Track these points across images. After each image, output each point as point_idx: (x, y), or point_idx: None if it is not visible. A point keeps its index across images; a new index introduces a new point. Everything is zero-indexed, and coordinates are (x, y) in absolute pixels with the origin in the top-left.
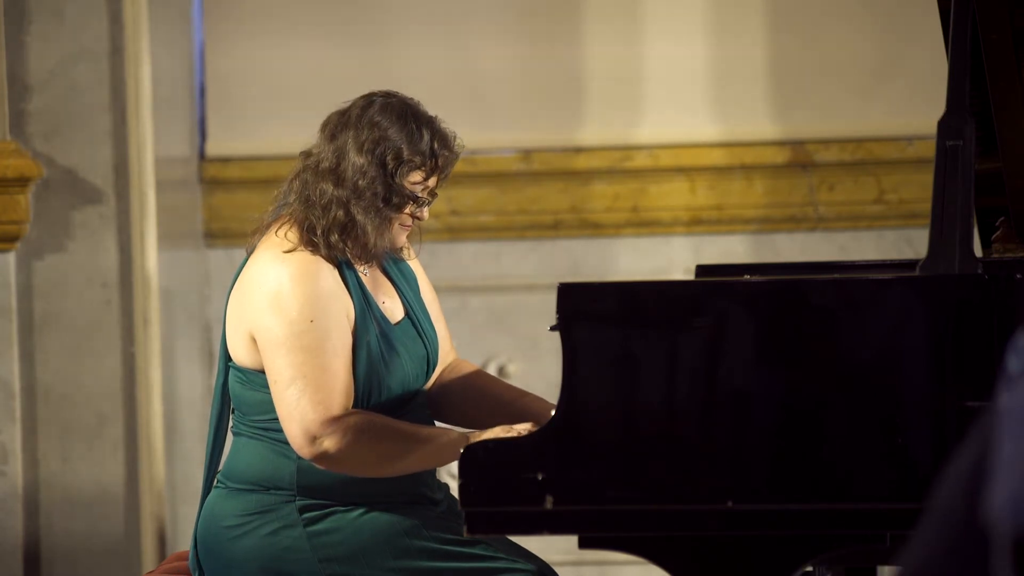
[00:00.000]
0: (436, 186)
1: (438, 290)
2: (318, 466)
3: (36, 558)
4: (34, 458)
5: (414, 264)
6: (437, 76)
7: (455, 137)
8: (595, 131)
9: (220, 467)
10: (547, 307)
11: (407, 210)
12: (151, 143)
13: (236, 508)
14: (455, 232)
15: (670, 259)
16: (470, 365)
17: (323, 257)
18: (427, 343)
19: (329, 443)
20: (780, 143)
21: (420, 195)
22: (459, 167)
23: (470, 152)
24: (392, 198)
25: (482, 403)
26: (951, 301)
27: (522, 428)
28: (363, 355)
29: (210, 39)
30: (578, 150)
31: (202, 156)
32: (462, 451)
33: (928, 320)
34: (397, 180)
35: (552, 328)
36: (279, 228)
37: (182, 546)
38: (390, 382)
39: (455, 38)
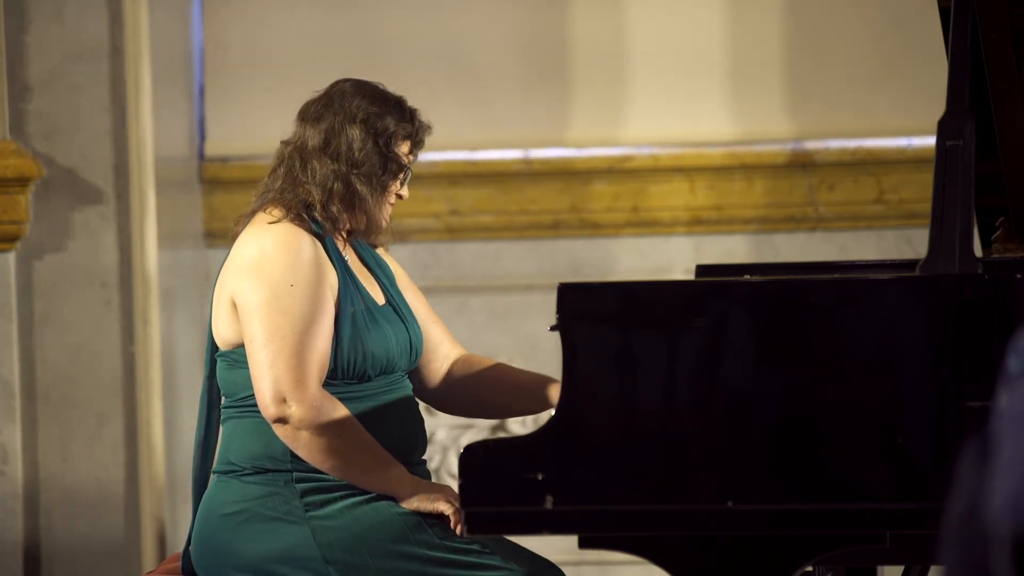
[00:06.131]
0: (413, 161)
1: (438, 290)
2: (276, 431)
3: (36, 558)
4: (34, 458)
5: (389, 260)
6: (438, 76)
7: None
8: (595, 131)
9: (214, 462)
10: (547, 307)
11: (399, 180)
12: (151, 143)
13: (235, 495)
14: (455, 232)
15: (670, 259)
16: (487, 360)
17: (307, 231)
18: (409, 329)
19: (296, 410)
20: (780, 143)
21: (408, 166)
22: (459, 167)
23: (470, 152)
24: (389, 166)
25: (500, 390)
26: (951, 301)
27: (444, 507)
28: (347, 323)
29: (210, 39)
30: (578, 150)
31: (202, 156)
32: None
33: (928, 320)
34: (392, 149)
35: (552, 328)
36: (264, 211)
37: (182, 546)
38: (374, 349)
39: (455, 35)
